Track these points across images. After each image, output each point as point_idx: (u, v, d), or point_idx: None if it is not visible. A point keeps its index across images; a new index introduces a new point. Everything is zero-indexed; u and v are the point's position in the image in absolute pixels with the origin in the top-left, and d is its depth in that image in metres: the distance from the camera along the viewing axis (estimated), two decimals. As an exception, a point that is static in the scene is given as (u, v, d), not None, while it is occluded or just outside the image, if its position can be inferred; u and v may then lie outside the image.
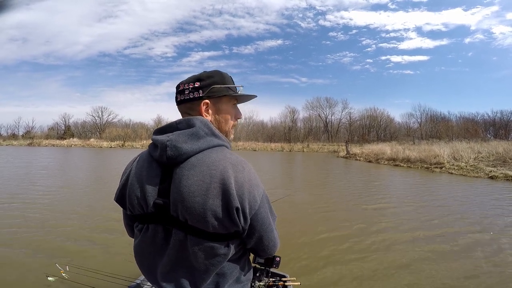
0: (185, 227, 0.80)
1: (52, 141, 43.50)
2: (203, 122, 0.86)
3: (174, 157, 0.80)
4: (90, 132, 55.27)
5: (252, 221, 0.83)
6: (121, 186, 0.92)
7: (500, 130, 45.28)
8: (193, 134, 0.83)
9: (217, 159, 0.81)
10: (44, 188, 7.92)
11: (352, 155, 26.33)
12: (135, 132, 50.60)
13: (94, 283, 2.25)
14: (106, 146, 40.33)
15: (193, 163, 0.80)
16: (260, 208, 0.84)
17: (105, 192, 7.74)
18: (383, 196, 7.87)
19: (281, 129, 55.58)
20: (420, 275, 3.20)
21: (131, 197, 0.87)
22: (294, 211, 5.96)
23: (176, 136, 0.82)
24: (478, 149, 16.05)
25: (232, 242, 0.83)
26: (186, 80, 0.93)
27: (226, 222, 0.78)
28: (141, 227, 0.88)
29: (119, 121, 56.98)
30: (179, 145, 0.80)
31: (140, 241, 0.89)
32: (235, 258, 0.88)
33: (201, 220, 0.77)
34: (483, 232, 4.63)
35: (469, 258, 3.64)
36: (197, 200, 0.77)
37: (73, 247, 3.86)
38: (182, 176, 0.79)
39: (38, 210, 5.61)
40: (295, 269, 3.29)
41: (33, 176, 10.33)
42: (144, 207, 0.84)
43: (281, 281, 1.68)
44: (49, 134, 50.97)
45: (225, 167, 0.80)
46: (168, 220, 0.82)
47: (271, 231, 0.89)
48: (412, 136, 45.78)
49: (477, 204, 6.81)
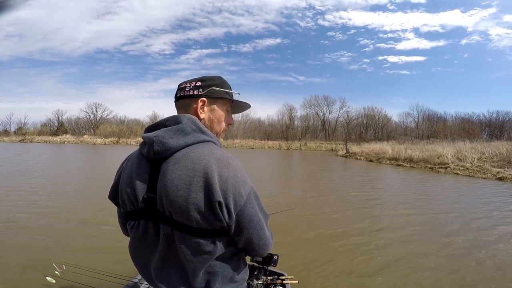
0: (171, 222, 0.80)
1: (45, 137, 42.75)
2: (190, 119, 0.87)
3: (160, 152, 0.82)
4: (84, 129, 54.20)
5: (239, 218, 0.82)
6: (114, 184, 0.95)
7: (496, 131, 45.64)
8: (180, 130, 0.84)
9: (201, 154, 0.81)
10: (36, 187, 7.49)
11: (351, 154, 26.04)
12: (130, 128, 49.64)
13: (91, 282, 2.23)
14: (100, 143, 39.63)
15: (178, 158, 0.81)
16: (247, 205, 0.83)
17: (101, 190, 7.44)
18: (385, 196, 7.51)
19: (278, 127, 55.27)
20: (423, 274, 3.16)
21: (123, 194, 0.88)
22: (294, 210, 5.84)
23: (163, 132, 0.84)
24: (482, 150, 15.83)
25: (218, 239, 0.83)
26: (189, 80, 0.97)
27: (209, 217, 0.78)
28: (133, 224, 0.89)
29: (113, 117, 56.06)
30: (165, 140, 0.82)
31: (132, 238, 0.90)
32: (227, 257, 0.87)
33: (184, 214, 0.77)
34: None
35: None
36: (180, 193, 0.77)
37: (70, 246, 3.79)
38: (167, 170, 0.80)
39: (33, 209, 5.47)
40: (293, 267, 3.26)
41: (24, 172, 9.78)
42: (135, 203, 0.86)
43: (279, 279, 1.70)
44: (42, 130, 49.94)
45: (209, 161, 0.80)
46: (156, 215, 0.82)
47: (261, 229, 0.88)
48: (409, 135, 46.02)
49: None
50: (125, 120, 56.18)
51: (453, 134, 37.64)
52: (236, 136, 48.76)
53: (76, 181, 9.01)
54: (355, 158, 23.43)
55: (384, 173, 14.00)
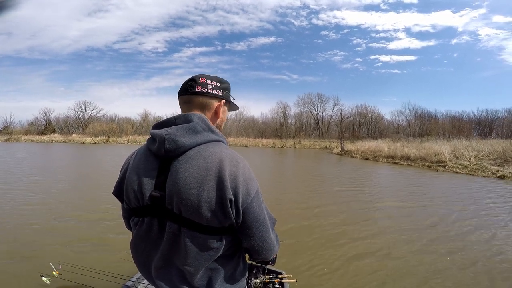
0: (179, 220, 0.80)
1: (32, 136, 41.23)
2: (200, 118, 0.87)
3: (172, 150, 0.81)
4: (72, 128, 52.66)
5: (244, 215, 0.82)
6: (119, 179, 0.94)
7: (485, 129, 46.48)
8: (191, 128, 0.84)
9: (213, 153, 0.82)
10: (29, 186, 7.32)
11: (347, 152, 25.88)
12: (120, 127, 48.40)
13: (88, 282, 2.21)
14: (90, 142, 38.52)
15: (190, 156, 0.81)
16: (253, 203, 0.83)
17: (99, 189, 7.46)
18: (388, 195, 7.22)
19: (272, 125, 54.99)
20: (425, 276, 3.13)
21: (128, 190, 0.88)
22: (292, 210, 5.88)
23: (174, 130, 0.84)
24: (478, 148, 15.79)
25: (225, 236, 0.83)
26: (207, 77, 0.95)
27: (220, 215, 0.79)
28: (137, 220, 0.89)
29: (103, 116, 54.53)
30: (177, 138, 0.82)
31: (135, 235, 0.89)
32: (228, 254, 0.87)
33: (195, 211, 0.78)
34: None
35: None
36: (193, 192, 0.78)
37: (66, 245, 3.75)
38: (179, 169, 0.80)
39: (28, 208, 5.44)
40: (291, 266, 3.25)
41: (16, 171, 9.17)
42: (140, 200, 0.85)
43: (278, 278, 1.71)
44: (29, 129, 48.30)
45: (220, 160, 0.81)
46: (163, 213, 0.82)
47: (265, 231, 0.87)
48: (402, 133, 46.34)
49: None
50: (116, 118, 54.97)
51: (445, 132, 38.04)
52: (229, 134, 48.14)
53: (74, 180, 8.52)
54: (351, 156, 23.23)
55: (384, 172, 13.80)
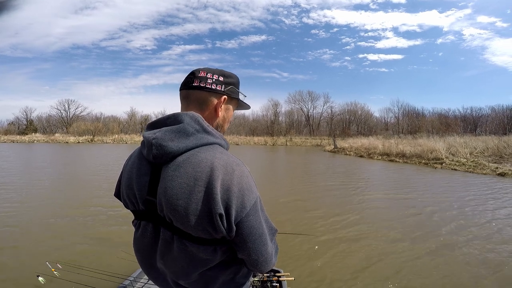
0: (171, 228, 0.77)
1: (12, 136, 39.30)
2: (193, 118, 0.79)
3: (160, 156, 0.75)
4: (55, 127, 50.49)
5: (239, 229, 0.75)
6: (118, 182, 0.92)
7: (470, 126, 47.72)
8: (180, 131, 0.77)
9: (204, 160, 0.74)
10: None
11: (340, 149, 25.71)
12: (106, 126, 46.74)
13: (86, 281, 2.18)
14: (73, 142, 36.93)
15: (178, 164, 0.75)
16: (249, 216, 0.76)
17: (95, 188, 7.38)
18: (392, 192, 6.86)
19: (263, 122, 54.65)
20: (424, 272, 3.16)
21: (123, 194, 0.87)
22: (291, 209, 5.82)
23: (162, 133, 0.77)
24: (473, 144, 15.80)
25: (220, 247, 0.79)
26: (209, 70, 0.88)
27: (210, 229, 0.73)
28: (136, 222, 0.87)
29: (88, 114, 52.68)
30: (165, 143, 0.75)
31: (134, 237, 0.88)
32: (227, 261, 0.83)
33: (184, 223, 0.73)
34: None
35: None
36: (180, 203, 0.72)
37: (64, 245, 3.73)
38: (167, 177, 0.75)
39: (25, 207, 5.46)
40: (289, 264, 3.24)
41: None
42: (136, 204, 0.83)
43: (276, 276, 1.76)
44: (9, 129, 45.99)
45: (212, 168, 0.72)
46: (157, 219, 0.79)
47: (262, 245, 0.80)
48: (390, 130, 46.84)
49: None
50: (101, 117, 53.14)
51: (433, 129, 38.61)
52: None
53: (72, 179, 7.80)
54: (344, 154, 23.02)
55: (384, 171, 13.53)
